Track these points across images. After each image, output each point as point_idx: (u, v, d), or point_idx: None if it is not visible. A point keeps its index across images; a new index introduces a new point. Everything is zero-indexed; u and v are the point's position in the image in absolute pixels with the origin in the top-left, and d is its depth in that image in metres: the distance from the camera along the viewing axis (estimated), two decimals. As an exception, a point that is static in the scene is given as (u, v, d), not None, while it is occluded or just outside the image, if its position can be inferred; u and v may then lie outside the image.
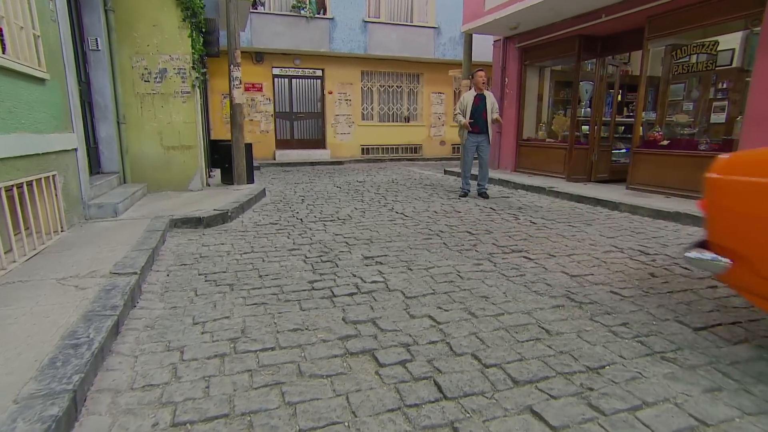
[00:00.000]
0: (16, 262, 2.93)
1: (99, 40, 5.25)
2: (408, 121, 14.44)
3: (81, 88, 5.00)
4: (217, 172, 7.69)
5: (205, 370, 1.85)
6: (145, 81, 5.76)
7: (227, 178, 6.92)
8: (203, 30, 6.23)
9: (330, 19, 12.25)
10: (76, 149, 4.22)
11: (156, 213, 4.62)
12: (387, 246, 3.78)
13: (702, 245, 2.10)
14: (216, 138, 9.92)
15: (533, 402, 1.66)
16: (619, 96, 7.76)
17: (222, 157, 6.97)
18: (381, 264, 3.28)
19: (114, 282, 2.60)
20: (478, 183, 6.53)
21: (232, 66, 6.43)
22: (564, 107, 8.49)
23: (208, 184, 6.84)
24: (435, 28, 13.25)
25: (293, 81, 13.04)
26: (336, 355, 1.98)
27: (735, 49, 5.63)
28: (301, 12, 11.89)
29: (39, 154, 3.48)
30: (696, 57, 5.89)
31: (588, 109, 7.67)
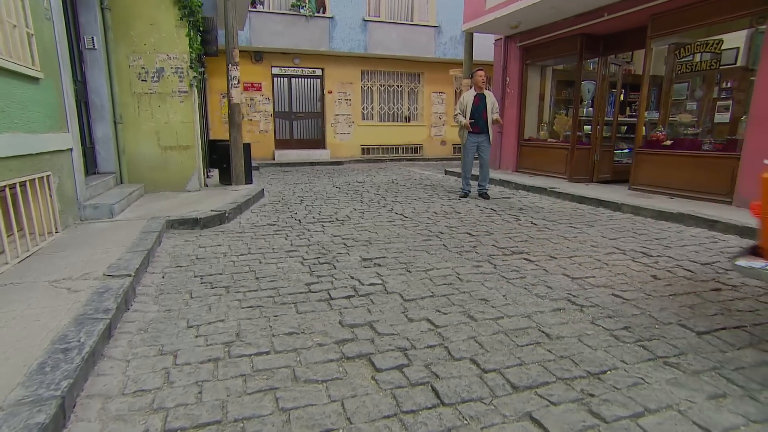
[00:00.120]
0: (8, 264, 2.90)
1: (95, 38, 5.22)
2: (408, 121, 14.40)
3: (77, 87, 4.96)
4: (215, 173, 7.66)
5: (199, 375, 1.82)
6: (142, 80, 5.73)
7: (225, 179, 6.89)
8: (201, 29, 6.19)
9: (329, 18, 12.21)
10: (71, 149, 4.19)
11: (152, 214, 4.59)
12: (386, 247, 3.76)
13: (753, 252, 2.00)
14: (215, 138, 9.89)
15: (533, 408, 1.63)
16: (622, 95, 7.71)
17: (220, 158, 6.95)
18: (379, 266, 3.26)
19: (107, 284, 2.57)
20: (478, 183, 6.49)
21: (230, 65, 6.40)
22: (566, 107, 8.44)
23: (206, 185, 6.81)
24: (436, 27, 13.20)
25: (293, 80, 13.01)
26: (332, 360, 1.95)
27: (739, 47, 5.57)
28: (301, 11, 11.85)
29: (33, 155, 3.45)
30: (700, 56, 5.85)
31: (590, 108, 7.63)
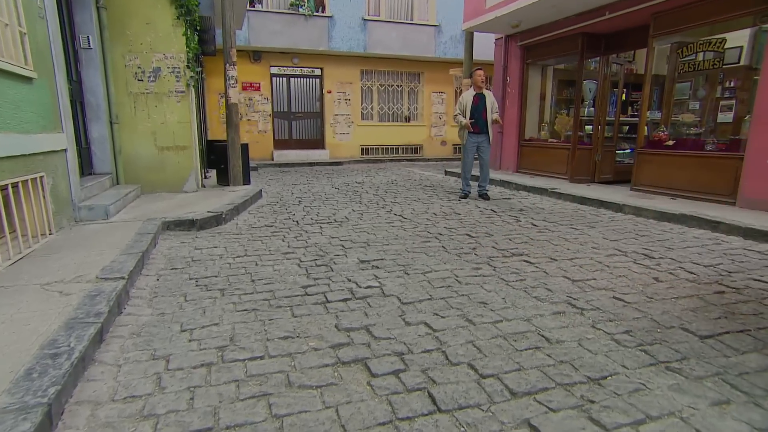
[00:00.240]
0: (-1, 266, 2.86)
1: (91, 38, 5.18)
2: (408, 121, 14.35)
3: (72, 87, 4.93)
4: (213, 173, 7.62)
5: (191, 380, 1.79)
6: (138, 80, 5.69)
7: (223, 180, 6.85)
8: (198, 28, 6.16)
9: (329, 17, 12.17)
10: (65, 150, 4.15)
11: (148, 215, 4.56)
12: (384, 249, 3.73)
13: None
14: (213, 138, 9.86)
15: (531, 415, 1.59)
16: (624, 95, 7.67)
17: (218, 158, 6.91)
18: (377, 268, 3.23)
19: (100, 287, 2.54)
20: (478, 184, 6.45)
21: (228, 65, 6.35)
22: (567, 106, 8.39)
23: (204, 185, 6.78)
24: (436, 26, 13.16)
25: (292, 80, 12.96)
26: (327, 365, 1.92)
27: (743, 46, 5.52)
28: (300, 10, 11.80)
29: (25, 155, 3.41)
30: (702, 55, 5.79)
31: (591, 108, 7.58)
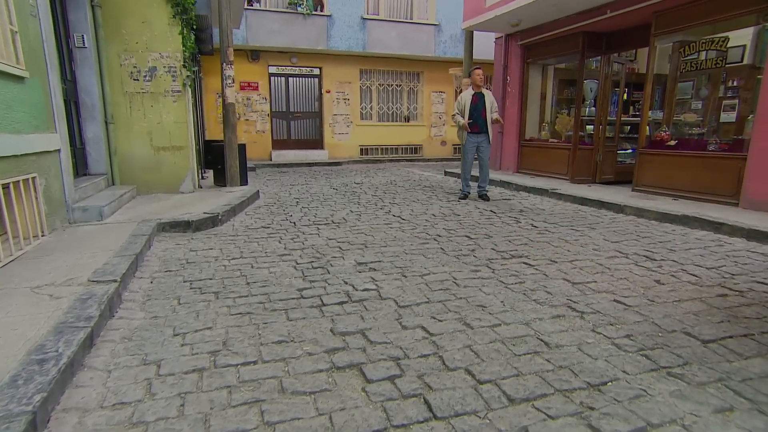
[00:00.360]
0: (-14, 270, 2.78)
1: (85, 37, 5.10)
2: (408, 121, 14.26)
3: (66, 86, 4.85)
4: (210, 174, 7.54)
5: (182, 386, 1.75)
6: (134, 79, 5.62)
7: (220, 180, 6.77)
8: (195, 27, 6.07)
9: (327, 16, 12.08)
10: (59, 150, 4.10)
11: (144, 216, 4.49)
12: (382, 251, 3.68)
13: None
14: (211, 138, 9.76)
15: (529, 423, 1.54)
16: (625, 94, 7.61)
17: (215, 158, 6.84)
18: (374, 270, 3.19)
19: (91, 290, 2.48)
20: (478, 185, 6.38)
21: (225, 64, 6.27)
22: (568, 106, 8.33)
23: (201, 186, 6.70)
24: (436, 25, 13.07)
25: (290, 80, 12.87)
26: (321, 370, 1.87)
27: (746, 45, 5.46)
28: (298, 9, 11.71)
29: (17, 156, 3.35)
30: (705, 54, 5.74)
31: (592, 108, 7.52)
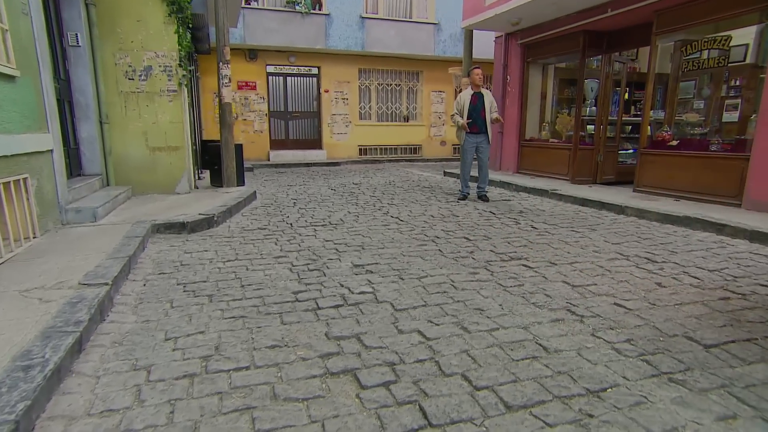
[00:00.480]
0: (-26, 273, 2.72)
1: (79, 35, 5.04)
2: (407, 121, 14.19)
3: (59, 86, 4.79)
4: (207, 174, 7.48)
5: (172, 393, 1.71)
6: (129, 79, 5.56)
7: (217, 181, 6.71)
8: (191, 26, 6.00)
9: (326, 14, 12.00)
10: (51, 150, 4.05)
11: (138, 217, 4.44)
12: (379, 253, 3.62)
13: None
14: (208, 138, 9.70)
15: (527, 430, 1.52)
16: (626, 94, 7.56)
17: (212, 158, 6.78)
18: (371, 273, 3.14)
19: (82, 294, 2.43)
20: (477, 185, 6.32)
21: (221, 63, 6.21)
22: (568, 106, 8.27)
23: (197, 187, 6.64)
24: (435, 24, 12.99)
25: (288, 79, 12.78)
26: (315, 376, 1.83)
27: (749, 44, 5.40)
28: (296, 7, 11.63)
29: (8, 156, 3.31)
30: (707, 53, 5.69)
31: (593, 107, 7.46)
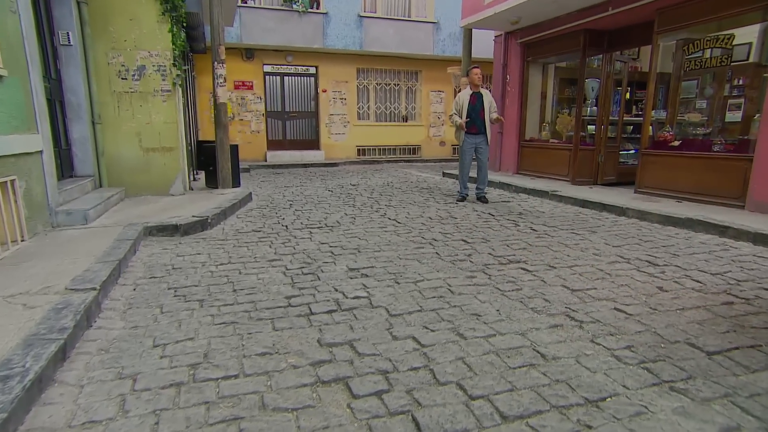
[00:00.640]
0: (-43, 278, 2.64)
1: (71, 34, 4.95)
2: (406, 121, 14.11)
3: (50, 85, 4.70)
4: (203, 175, 7.39)
5: (158, 403, 1.66)
6: (122, 78, 5.47)
7: (212, 182, 6.63)
8: (185, 25, 5.91)
9: (323, 13, 11.92)
10: (41, 151, 3.97)
11: (130, 219, 4.36)
12: (375, 256, 3.55)
13: None
14: (204, 138, 9.60)
15: None
16: (628, 94, 7.49)
17: (207, 159, 6.68)
18: (366, 276, 3.07)
19: (68, 299, 2.36)
20: (476, 187, 6.24)
21: (216, 63, 6.12)
22: (569, 106, 8.20)
23: (191, 188, 6.56)
24: (434, 23, 12.91)
25: (285, 79, 12.70)
26: (305, 384, 1.78)
27: (752, 43, 5.32)
28: (293, 6, 11.55)
29: (-6, 158, 3.22)
30: (709, 52, 5.63)
31: (594, 107, 7.39)
